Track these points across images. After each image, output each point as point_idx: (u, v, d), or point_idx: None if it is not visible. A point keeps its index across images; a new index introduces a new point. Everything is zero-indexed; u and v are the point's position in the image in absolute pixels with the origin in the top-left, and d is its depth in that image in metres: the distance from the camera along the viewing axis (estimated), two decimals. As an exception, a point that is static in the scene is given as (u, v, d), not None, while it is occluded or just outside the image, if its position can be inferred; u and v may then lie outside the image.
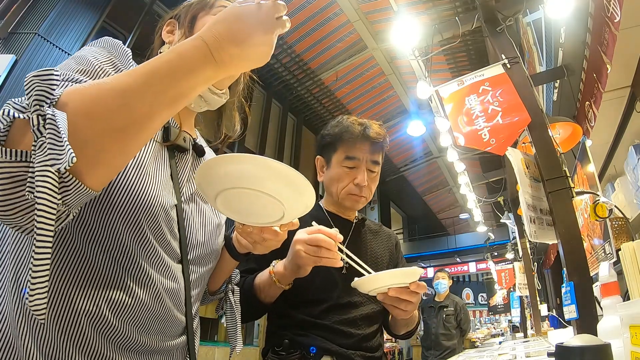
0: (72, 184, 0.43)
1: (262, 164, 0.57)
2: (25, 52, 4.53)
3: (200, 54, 0.50)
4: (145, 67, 0.48)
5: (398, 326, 1.15)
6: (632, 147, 2.75)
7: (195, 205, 0.72)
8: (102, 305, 0.56)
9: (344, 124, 1.17)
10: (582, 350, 0.67)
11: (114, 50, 0.65)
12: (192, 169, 0.74)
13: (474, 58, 7.50)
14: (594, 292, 1.38)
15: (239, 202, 0.63)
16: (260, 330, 7.58)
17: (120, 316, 0.57)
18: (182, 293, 0.67)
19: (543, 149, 1.69)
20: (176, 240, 0.66)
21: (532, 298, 4.46)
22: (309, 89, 9.02)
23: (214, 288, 0.87)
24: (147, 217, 0.59)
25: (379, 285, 0.89)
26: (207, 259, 0.74)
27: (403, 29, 2.71)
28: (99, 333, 0.56)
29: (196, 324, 0.74)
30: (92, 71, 0.59)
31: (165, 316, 0.63)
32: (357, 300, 1.08)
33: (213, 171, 0.59)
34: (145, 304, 0.60)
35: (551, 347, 1.67)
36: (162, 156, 0.67)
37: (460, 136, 2.03)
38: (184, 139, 0.72)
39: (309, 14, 7.13)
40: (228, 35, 0.51)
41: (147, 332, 0.61)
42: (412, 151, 11.34)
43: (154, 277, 0.61)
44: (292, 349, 1.00)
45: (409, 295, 0.89)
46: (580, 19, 2.48)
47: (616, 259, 1.42)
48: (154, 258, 0.62)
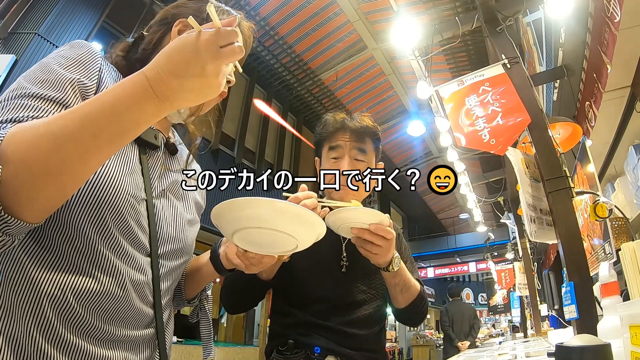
0: (12, 221, 0.47)
1: (275, 207, 0.63)
2: (25, 52, 4.54)
3: (140, 90, 0.49)
4: (81, 109, 0.49)
5: (395, 294, 1.08)
6: (632, 147, 2.75)
7: (166, 201, 0.73)
8: (67, 289, 0.57)
9: (327, 119, 1.18)
10: (582, 350, 0.67)
11: (83, 54, 0.65)
12: (164, 165, 0.75)
13: (474, 58, 7.50)
14: (594, 292, 1.38)
15: (255, 237, 0.69)
16: (260, 330, 7.58)
17: (84, 302, 0.58)
18: (150, 285, 0.67)
19: (543, 149, 1.69)
20: (146, 235, 0.67)
21: (532, 298, 4.47)
22: (309, 89, 9.03)
23: (190, 295, 0.88)
24: (111, 212, 0.60)
25: (343, 222, 0.89)
26: (179, 254, 0.75)
27: (403, 29, 2.71)
28: (62, 317, 0.57)
29: (167, 317, 0.74)
30: (55, 80, 0.59)
31: (130, 306, 0.63)
32: (360, 300, 1.08)
33: (231, 213, 0.65)
34: (109, 292, 0.60)
35: (551, 347, 1.67)
36: (132, 152, 0.67)
37: (461, 137, 2.03)
38: (155, 136, 0.72)
39: (309, 14, 7.14)
40: (168, 67, 0.49)
41: (111, 321, 0.61)
42: (412, 151, 11.35)
43: (120, 268, 0.62)
44: (297, 349, 1.01)
45: (370, 235, 0.88)
46: (580, 19, 2.48)
47: (616, 259, 1.42)
48: (120, 251, 0.62)
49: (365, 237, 0.88)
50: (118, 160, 0.63)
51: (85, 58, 0.65)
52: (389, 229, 0.89)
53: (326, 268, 1.08)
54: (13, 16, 4.67)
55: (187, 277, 0.88)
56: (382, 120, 10.08)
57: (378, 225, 0.87)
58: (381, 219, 0.88)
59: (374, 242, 0.89)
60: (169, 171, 0.76)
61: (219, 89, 0.53)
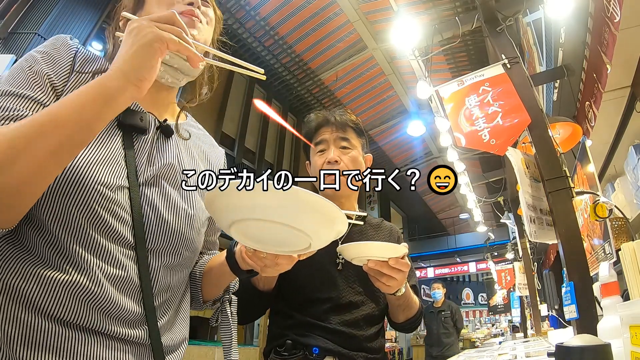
0: None
1: (292, 195, 0.51)
2: (25, 52, 4.51)
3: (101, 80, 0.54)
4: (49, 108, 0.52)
5: (395, 312, 1.12)
6: (632, 147, 2.75)
7: (157, 189, 0.66)
8: (38, 282, 0.55)
9: (309, 117, 1.22)
10: (582, 350, 0.67)
11: (59, 47, 0.66)
12: (153, 148, 0.69)
13: (474, 58, 7.50)
14: (594, 292, 1.38)
15: (259, 232, 0.59)
16: (260, 330, 7.58)
17: (55, 295, 0.56)
18: (135, 281, 0.62)
19: (543, 149, 1.69)
20: (126, 226, 0.61)
21: (532, 298, 4.47)
22: (309, 89, 9.03)
23: (209, 297, 0.83)
24: (78, 205, 0.57)
25: (358, 254, 0.89)
26: (178, 248, 0.68)
27: (403, 29, 2.71)
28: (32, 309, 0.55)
29: (170, 316, 0.68)
30: (24, 79, 0.61)
31: (110, 302, 0.59)
32: (358, 300, 1.08)
33: (227, 200, 0.55)
34: (82, 286, 0.57)
35: (551, 347, 1.67)
36: (113, 139, 0.64)
37: (461, 137, 2.03)
38: (141, 118, 0.67)
39: (309, 14, 7.14)
40: (120, 53, 0.56)
41: (95, 311, 0.58)
42: (412, 151, 11.36)
43: (90, 262, 0.58)
44: (295, 350, 1.00)
45: (389, 269, 0.88)
46: (580, 19, 2.48)
47: (616, 259, 1.42)
48: (91, 245, 0.58)
49: (384, 271, 0.89)
50: (91, 150, 0.60)
51: (55, 52, 0.65)
52: (407, 261, 0.90)
53: (322, 267, 1.08)
54: (13, 16, 4.67)
55: (204, 278, 0.82)
56: (382, 120, 10.09)
57: (398, 259, 0.88)
58: (400, 252, 0.88)
59: (391, 275, 0.90)
60: (164, 155, 0.69)
61: (156, 35, 0.55)
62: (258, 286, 1.00)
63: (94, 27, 5.32)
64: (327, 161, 1.12)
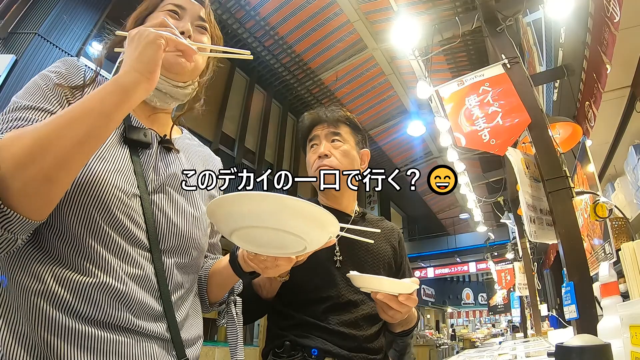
0: (12, 215, 0.52)
1: (280, 203, 0.57)
2: (25, 52, 4.54)
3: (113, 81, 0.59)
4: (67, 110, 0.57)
5: (393, 325, 1.13)
6: (632, 147, 2.75)
7: (165, 196, 0.73)
8: (62, 284, 0.59)
9: (303, 116, 1.23)
10: (582, 350, 0.67)
11: (69, 68, 0.72)
12: (158, 160, 0.76)
13: (474, 58, 7.50)
14: (594, 292, 1.38)
15: (257, 237, 0.65)
16: (260, 330, 7.58)
17: (82, 295, 0.60)
18: (152, 280, 0.68)
19: (543, 149, 1.70)
20: (142, 230, 0.67)
21: (532, 298, 4.47)
22: (309, 89, 9.02)
23: (214, 299, 0.87)
24: (98, 208, 0.62)
25: (369, 286, 0.91)
26: (188, 248, 0.74)
27: (403, 29, 2.71)
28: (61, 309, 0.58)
29: (185, 311, 0.74)
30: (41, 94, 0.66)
31: (134, 299, 0.64)
32: (358, 299, 1.07)
33: (227, 209, 0.60)
34: (107, 285, 0.61)
35: (551, 347, 1.67)
36: (122, 153, 0.70)
37: (461, 137, 2.03)
38: (145, 134, 0.74)
39: (309, 14, 7.14)
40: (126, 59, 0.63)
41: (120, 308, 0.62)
42: (412, 151, 11.35)
43: (113, 263, 0.63)
44: (294, 351, 0.99)
45: (396, 304, 0.90)
46: (580, 19, 2.48)
47: (616, 259, 1.42)
48: (113, 246, 0.63)
49: (392, 305, 0.90)
50: (105, 161, 0.66)
51: (67, 72, 0.71)
52: (415, 297, 0.92)
53: (320, 264, 1.06)
54: (13, 16, 4.67)
55: (209, 281, 0.87)
56: (382, 120, 10.09)
57: (408, 296, 0.90)
58: (411, 289, 0.90)
59: (396, 309, 0.91)
60: (168, 166, 0.76)
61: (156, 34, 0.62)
62: (261, 294, 1.00)
63: (94, 27, 5.32)
64: (317, 156, 1.14)
